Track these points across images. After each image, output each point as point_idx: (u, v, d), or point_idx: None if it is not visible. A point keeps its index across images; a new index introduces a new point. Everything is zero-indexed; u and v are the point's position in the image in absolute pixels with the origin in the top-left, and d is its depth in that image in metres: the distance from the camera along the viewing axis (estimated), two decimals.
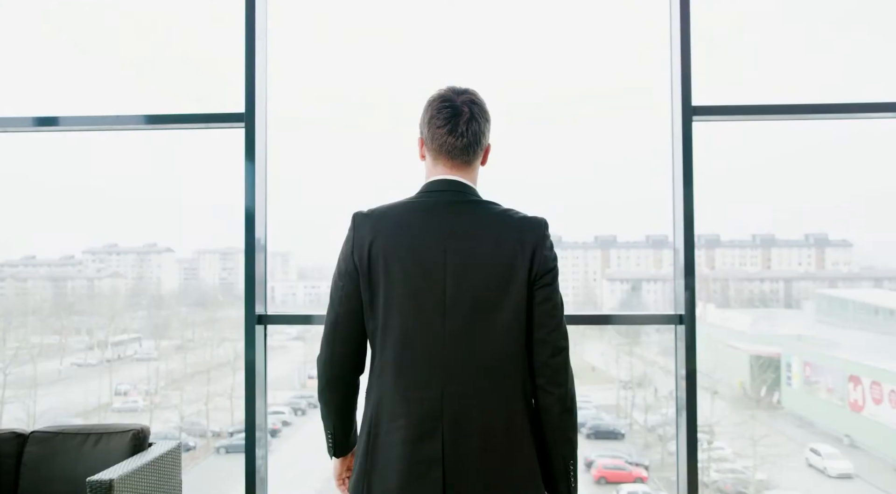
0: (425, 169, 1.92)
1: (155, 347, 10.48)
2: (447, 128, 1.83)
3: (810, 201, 10.89)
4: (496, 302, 1.73)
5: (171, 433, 9.60)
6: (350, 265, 1.83)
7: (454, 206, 1.80)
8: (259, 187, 3.23)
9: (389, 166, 11.45)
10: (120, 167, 10.73)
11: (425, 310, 1.74)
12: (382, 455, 1.73)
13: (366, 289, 1.79)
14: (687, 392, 3.19)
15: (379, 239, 1.79)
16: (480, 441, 1.69)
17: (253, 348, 3.17)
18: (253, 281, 3.17)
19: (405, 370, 1.73)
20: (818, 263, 10.72)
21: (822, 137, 8.46)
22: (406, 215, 1.81)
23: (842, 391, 9.26)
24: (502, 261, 1.75)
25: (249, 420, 3.19)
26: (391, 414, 1.73)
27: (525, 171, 9.34)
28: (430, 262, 1.75)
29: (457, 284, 1.73)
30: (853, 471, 8.76)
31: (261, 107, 3.30)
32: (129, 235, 11.03)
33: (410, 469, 1.69)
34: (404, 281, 1.75)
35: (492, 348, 1.73)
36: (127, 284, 10.96)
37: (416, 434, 1.70)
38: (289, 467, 9.55)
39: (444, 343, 1.71)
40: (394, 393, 1.74)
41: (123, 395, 9.98)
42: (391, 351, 1.75)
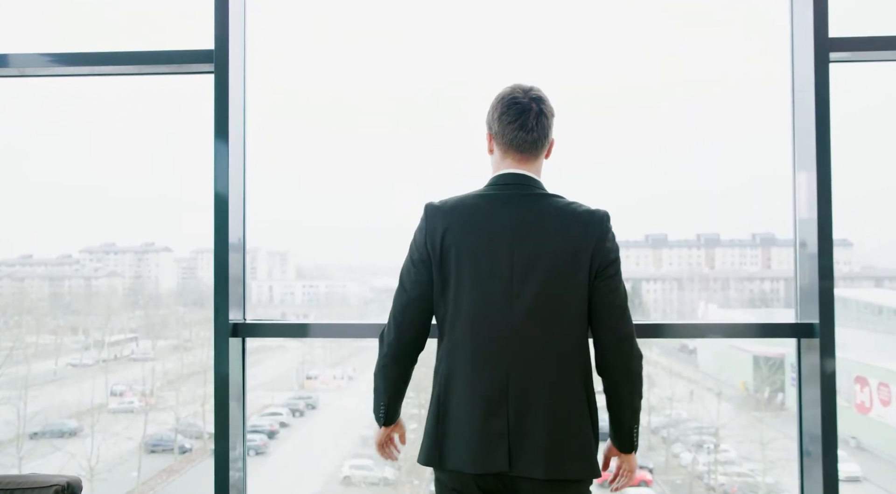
0: (493, 162, 1.95)
1: (152, 347, 10.01)
2: (518, 123, 1.86)
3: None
4: (561, 291, 1.79)
5: (166, 435, 9.04)
6: (423, 253, 1.86)
7: (523, 199, 1.84)
8: (235, 161, 2.42)
9: (388, 165, 10.94)
10: (117, 165, 10.19)
11: (494, 297, 1.78)
12: (452, 428, 1.80)
13: (438, 276, 1.84)
14: (824, 426, 2.31)
15: (452, 229, 1.83)
16: (542, 418, 1.75)
17: (226, 362, 2.44)
18: (226, 281, 2.41)
19: (474, 351, 1.78)
20: None
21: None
22: (477, 207, 1.85)
23: (848, 392, 8.77)
24: (567, 253, 1.79)
25: (220, 451, 2.47)
26: (460, 392, 1.80)
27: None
28: (500, 252, 1.79)
29: (524, 273, 1.77)
30: (861, 474, 8.29)
31: (237, 43, 2.44)
32: (126, 234, 10.55)
33: (479, 442, 1.76)
34: (475, 269, 1.80)
35: (555, 334, 1.78)
36: (124, 283, 10.52)
37: (484, 410, 1.77)
38: (287, 469, 9.15)
39: (511, 327, 1.77)
40: (463, 372, 1.80)
41: (119, 396, 9.42)
42: (461, 333, 1.80)
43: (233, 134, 2.40)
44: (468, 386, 1.82)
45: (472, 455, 1.79)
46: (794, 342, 2.52)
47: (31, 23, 2.88)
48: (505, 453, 1.77)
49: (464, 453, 1.80)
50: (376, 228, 11.16)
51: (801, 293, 2.54)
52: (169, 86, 9.16)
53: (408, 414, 8.79)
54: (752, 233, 10.28)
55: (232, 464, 2.54)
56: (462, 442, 1.81)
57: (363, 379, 10.11)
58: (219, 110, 2.39)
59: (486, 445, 1.78)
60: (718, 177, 10.09)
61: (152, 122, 9.72)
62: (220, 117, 2.40)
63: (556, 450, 1.77)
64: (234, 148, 2.43)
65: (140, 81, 10.47)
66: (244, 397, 2.60)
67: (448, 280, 1.85)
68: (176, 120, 9.32)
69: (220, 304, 2.43)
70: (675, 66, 9.49)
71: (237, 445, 2.56)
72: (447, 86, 9.98)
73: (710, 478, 8.46)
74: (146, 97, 9.35)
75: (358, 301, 11.22)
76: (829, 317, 2.42)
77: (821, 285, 2.42)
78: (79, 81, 11.04)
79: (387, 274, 11.26)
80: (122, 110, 9.84)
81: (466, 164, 9.86)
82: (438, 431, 1.86)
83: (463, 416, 1.82)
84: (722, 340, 8.11)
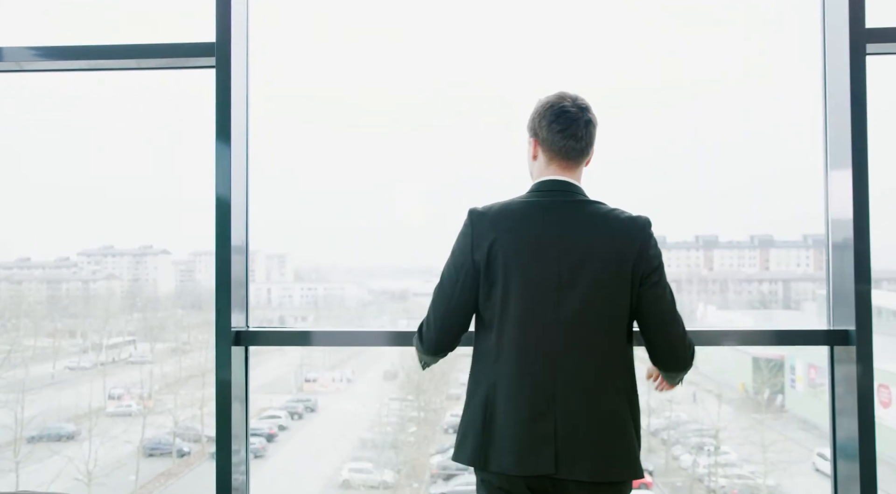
0: (535, 168, 1.96)
1: (150, 350, 9.88)
2: (569, 132, 1.89)
3: (808, 202, 10.27)
4: (606, 296, 1.82)
5: (164, 438, 8.92)
6: (468, 259, 1.88)
7: (568, 205, 1.88)
8: (237, 160, 2.27)
9: (388, 165, 10.83)
10: (116, 165, 10.06)
11: (541, 302, 1.82)
12: (498, 432, 1.81)
13: (484, 282, 1.87)
14: (862, 440, 2.15)
15: (499, 234, 1.86)
16: (588, 422, 1.78)
17: (228, 371, 2.31)
18: (228, 286, 2.27)
19: (522, 356, 1.82)
20: (817, 264, 10.18)
21: None
22: (524, 212, 1.88)
23: None
24: (612, 259, 1.82)
25: (222, 460, 2.33)
26: (507, 396, 1.82)
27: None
28: (547, 257, 1.83)
29: (571, 278, 1.81)
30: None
31: (239, 37, 2.26)
32: (124, 237, 10.42)
33: (526, 445, 1.78)
34: (523, 274, 1.83)
35: (599, 340, 1.82)
36: (122, 286, 10.39)
37: (531, 413, 1.79)
38: (285, 473, 9.04)
39: (558, 333, 1.81)
40: (510, 376, 1.82)
41: (117, 399, 9.29)
42: (508, 337, 1.83)
43: (235, 131, 2.27)
44: (516, 391, 1.83)
45: (519, 457, 1.79)
46: (821, 349, 2.36)
47: (29, 21, 2.74)
48: (551, 456, 1.79)
49: (510, 455, 1.80)
50: (375, 229, 11.05)
51: (833, 297, 2.37)
52: (169, 86, 9.03)
53: (407, 417, 8.62)
54: (751, 235, 10.22)
55: (235, 468, 2.40)
56: (509, 445, 1.81)
57: (362, 382, 10.01)
58: (220, 106, 2.24)
59: (533, 448, 1.80)
60: (717, 179, 10.02)
61: (151, 122, 9.59)
62: (221, 113, 2.25)
63: (601, 453, 1.79)
64: (237, 145, 2.29)
65: (139, 80, 10.33)
66: (247, 402, 2.46)
67: (495, 285, 1.87)
68: (175, 120, 9.19)
69: (222, 310, 2.28)
70: (674, 66, 9.40)
71: (240, 449, 2.42)
72: (448, 86, 9.87)
73: (710, 480, 8.36)
74: (145, 97, 9.22)
75: (356, 303, 11.12)
76: (867, 324, 2.26)
77: (857, 289, 2.25)
78: (78, 81, 10.89)
79: (385, 276, 11.14)
80: (121, 110, 9.70)
81: (466, 165, 9.78)
82: (485, 434, 1.85)
83: (510, 419, 1.82)
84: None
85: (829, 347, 2.36)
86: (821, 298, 10.23)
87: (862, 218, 2.25)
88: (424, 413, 9.37)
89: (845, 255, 2.32)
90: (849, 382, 2.27)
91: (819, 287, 10.00)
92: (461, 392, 8.81)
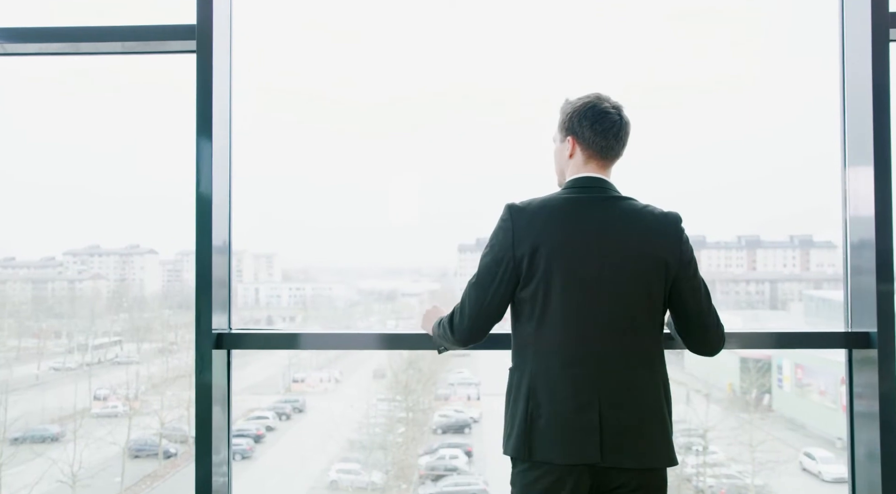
0: (571, 166, 2.00)
1: (136, 350, 9.69)
2: (611, 132, 1.96)
3: (795, 203, 10.24)
4: (644, 291, 1.86)
5: (150, 439, 8.73)
6: (508, 253, 1.90)
7: (605, 202, 1.93)
8: (219, 150, 2.10)
9: (378, 165, 10.69)
10: (102, 163, 9.88)
11: (584, 296, 1.85)
12: (544, 422, 1.87)
13: (525, 276, 1.89)
14: (884, 449, 1.98)
15: (540, 230, 1.89)
16: (631, 412, 1.84)
17: (209, 375, 2.14)
18: (209, 287, 2.10)
19: (565, 350, 1.86)
20: (803, 264, 10.12)
21: None
22: (563, 208, 1.92)
23: (834, 393, 8.69)
24: (649, 254, 1.87)
25: (203, 468, 2.17)
26: (551, 388, 1.87)
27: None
28: (587, 253, 1.86)
29: (612, 273, 1.85)
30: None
31: (222, 21, 2.10)
32: (111, 236, 10.22)
33: (572, 434, 1.83)
34: (564, 270, 1.86)
35: (639, 333, 1.87)
36: (109, 286, 10.21)
37: (576, 405, 1.84)
38: (273, 473, 8.88)
39: (599, 328, 1.85)
40: (554, 369, 1.87)
41: (103, 400, 9.09)
42: (551, 332, 1.88)
43: (217, 122, 2.10)
44: (560, 385, 1.88)
45: (565, 447, 1.85)
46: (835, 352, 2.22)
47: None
48: (597, 445, 1.84)
49: (557, 446, 1.86)
50: (364, 229, 10.91)
51: (852, 298, 2.20)
52: (159, 77, 8.79)
53: (395, 418, 8.45)
54: (738, 236, 10.17)
55: (216, 469, 2.23)
56: (554, 436, 1.87)
57: (350, 383, 9.85)
58: (201, 94, 2.06)
59: (579, 438, 1.86)
60: (704, 179, 9.95)
61: (138, 119, 9.38)
62: (202, 102, 2.07)
63: (644, 441, 1.86)
64: (219, 137, 2.12)
65: (127, 73, 10.09)
66: (229, 406, 2.29)
67: (535, 280, 1.89)
68: (163, 114, 8.99)
69: (203, 312, 2.11)
70: (663, 70, 9.30)
71: (221, 454, 2.25)
72: (441, 86, 9.73)
73: (698, 480, 8.24)
74: (133, 91, 9.03)
75: (344, 303, 11.00)
76: (890, 325, 2.10)
77: (879, 289, 2.08)
78: (65, 75, 10.64)
79: (375, 276, 11.01)
80: (106, 106, 9.50)
81: (459, 165, 9.65)
82: (528, 425, 1.89)
83: (554, 412, 1.88)
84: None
85: (846, 350, 2.20)
86: (807, 298, 10.18)
87: (885, 214, 2.09)
88: (413, 413, 9.24)
89: (865, 254, 2.16)
90: (870, 387, 2.11)
91: (805, 287, 9.98)
92: (450, 392, 8.61)
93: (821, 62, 8.25)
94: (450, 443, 8.97)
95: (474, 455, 8.84)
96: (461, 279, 10.33)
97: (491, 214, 2.08)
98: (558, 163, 2.06)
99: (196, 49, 2.07)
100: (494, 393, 8.97)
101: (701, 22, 8.81)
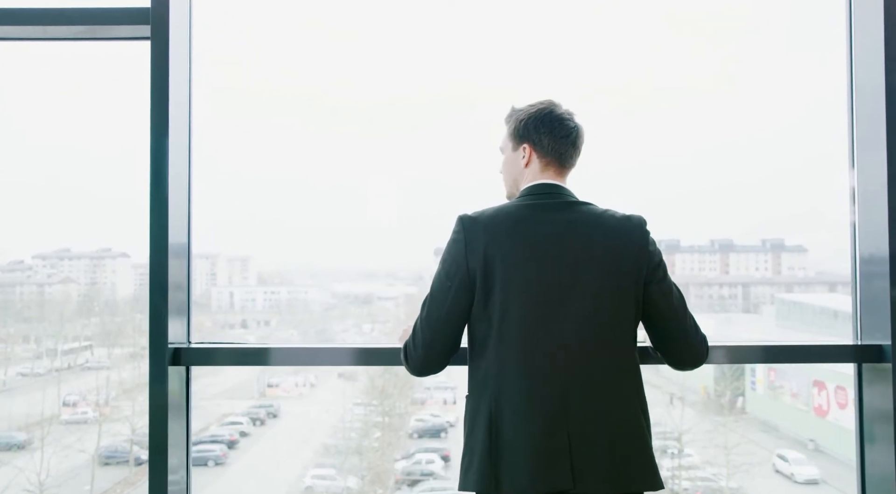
0: (527, 175, 1.90)
1: (107, 355, 9.38)
2: (569, 138, 1.87)
3: (767, 207, 10.20)
4: (610, 299, 1.72)
5: (121, 446, 8.44)
6: (462, 266, 1.75)
7: (563, 208, 1.81)
8: (176, 150, 1.86)
9: (355, 166, 10.47)
10: (72, 163, 9.54)
11: (544, 309, 1.70)
12: (507, 451, 1.68)
13: (480, 290, 1.73)
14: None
15: (495, 240, 1.74)
16: (603, 432, 1.68)
17: (164, 394, 1.91)
18: (164, 296, 1.86)
19: (527, 368, 1.69)
20: (775, 268, 10.07)
21: None
22: (519, 217, 1.79)
23: (806, 396, 8.64)
24: (613, 261, 1.74)
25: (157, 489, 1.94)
26: (514, 412, 1.69)
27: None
28: (546, 262, 1.72)
29: (572, 282, 1.71)
30: (819, 477, 8.08)
31: (180, 6, 1.89)
32: (82, 239, 9.88)
33: (540, 461, 1.66)
34: (522, 281, 1.72)
35: (608, 345, 1.72)
36: (79, 290, 9.87)
37: (543, 428, 1.67)
38: (247, 480, 8.64)
39: (564, 340, 1.69)
40: (516, 390, 1.69)
41: (72, 406, 8.78)
42: (510, 349, 1.70)
43: (174, 115, 1.87)
44: (524, 406, 1.71)
45: (533, 475, 1.67)
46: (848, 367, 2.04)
47: None
48: (568, 470, 1.67)
49: (524, 474, 1.68)
50: (340, 229, 10.69)
51: (862, 309, 2.04)
52: (128, 78, 8.45)
53: (371, 423, 8.23)
54: (711, 240, 10.08)
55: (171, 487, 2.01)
56: (521, 463, 1.69)
57: (325, 387, 9.62)
58: (156, 85, 1.83)
59: (548, 463, 1.68)
60: (676, 183, 9.86)
61: (110, 115, 9.05)
62: (157, 94, 1.84)
63: (620, 464, 1.70)
64: (177, 131, 1.89)
65: (91, 65, 9.74)
66: (188, 427, 2.07)
67: (491, 294, 1.75)
68: (138, 113, 8.68)
69: (157, 325, 1.87)
70: (636, 73, 9.19)
71: (179, 469, 2.03)
72: (420, 87, 9.54)
73: (673, 483, 8.16)
74: (100, 89, 8.71)
75: (319, 307, 10.78)
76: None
77: (894, 297, 1.93)
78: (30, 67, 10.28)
79: (350, 279, 10.79)
80: (77, 105, 9.16)
81: (438, 167, 9.45)
82: (492, 454, 1.71)
83: (520, 436, 1.70)
84: None
85: (855, 365, 2.03)
86: (779, 301, 10.16)
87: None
88: (389, 418, 9.05)
89: (877, 261, 1.99)
90: (882, 405, 1.94)
91: (776, 290, 9.92)
92: (426, 396, 8.37)
93: (804, 66, 8.19)
94: (427, 448, 8.81)
95: (451, 460, 8.69)
96: None
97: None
98: (510, 172, 1.94)
99: (151, 35, 1.85)
100: None
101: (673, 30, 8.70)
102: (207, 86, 2.21)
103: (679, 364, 1.89)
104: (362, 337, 10.48)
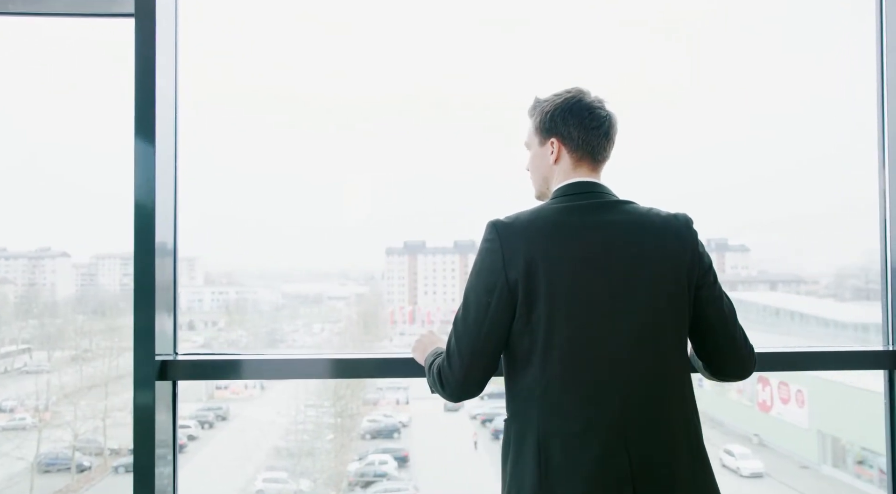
0: (557, 173, 1.69)
1: (47, 359, 8.94)
2: (601, 129, 1.67)
3: (710, 207, 10.36)
4: (663, 307, 1.55)
5: (62, 453, 8.05)
6: (500, 278, 1.55)
7: (607, 209, 1.62)
8: (163, 145, 1.69)
9: (307, 161, 10.22)
10: (9, 161, 9.04)
11: (593, 321, 1.53)
12: (562, 478, 1.51)
13: (523, 303, 1.54)
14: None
15: (535, 248, 1.55)
16: (667, 454, 1.51)
17: (151, 408, 1.72)
18: (151, 303, 1.68)
19: (578, 385, 1.53)
20: (719, 267, 10.24)
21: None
22: (559, 220, 1.60)
23: (751, 391, 8.74)
24: (665, 265, 1.57)
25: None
26: (565, 434, 1.52)
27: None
28: (593, 269, 1.55)
29: (623, 290, 1.55)
30: (763, 470, 8.17)
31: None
32: (18, 238, 9.38)
33: (599, 490, 1.49)
34: (569, 292, 1.54)
35: (662, 358, 1.55)
36: (16, 291, 9.41)
37: (601, 452, 1.50)
38: (196, 485, 8.34)
39: (618, 355, 1.53)
40: (567, 410, 1.53)
41: (9, 412, 8.35)
42: (558, 366, 1.53)
43: (161, 102, 1.68)
44: (578, 427, 1.54)
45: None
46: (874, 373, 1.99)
47: None
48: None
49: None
50: (289, 231, 10.45)
51: (893, 312, 1.99)
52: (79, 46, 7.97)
53: (324, 424, 8.01)
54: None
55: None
56: (578, 490, 1.52)
57: (277, 389, 9.37)
58: (141, 65, 1.64)
59: (608, 489, 1.52)
60: (668, 184, 9.93)
61: (50, 109, 8.58)
62: (142, 77, 1.65)
63: (683, 487, 1.55)
64: (164, 122, 1.70)
65: (43, 36, 9.23)
66: (174, 446, 1.89)
67: (535, 307, 1.56)
68: (79, 105, 8.24)
69: (143, 334, 1.69)
70: (616, 76, 9.20)
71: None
72: (390, 86, 9.36)
73: None
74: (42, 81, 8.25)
75: (270, 307, 10.53)
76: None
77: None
78: None
79: (300, 280, 10.57)
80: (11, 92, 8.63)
81: (393, 167, 9.30)
82: (544, 483, 1.53)
83: (574, 461, 1.53)
84: None
85: (886, 371, 1.97)
86: None
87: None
88: (341, 419, 8.86)
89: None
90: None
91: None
92: (379, 397, 8.18)
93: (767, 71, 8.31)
94: (380, 449, 8.68)
95: (408, 460, 8.59)
96: (388, 282, 10.00)
97: (419, 217, 1.75)
98: (539, 170, 1.76)
99: (134, 11, 1.65)
100: (423, 397, 8.72)
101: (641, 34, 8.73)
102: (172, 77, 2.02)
103: (722, 375, 1.74)
104: (312, 337, 10.29)
